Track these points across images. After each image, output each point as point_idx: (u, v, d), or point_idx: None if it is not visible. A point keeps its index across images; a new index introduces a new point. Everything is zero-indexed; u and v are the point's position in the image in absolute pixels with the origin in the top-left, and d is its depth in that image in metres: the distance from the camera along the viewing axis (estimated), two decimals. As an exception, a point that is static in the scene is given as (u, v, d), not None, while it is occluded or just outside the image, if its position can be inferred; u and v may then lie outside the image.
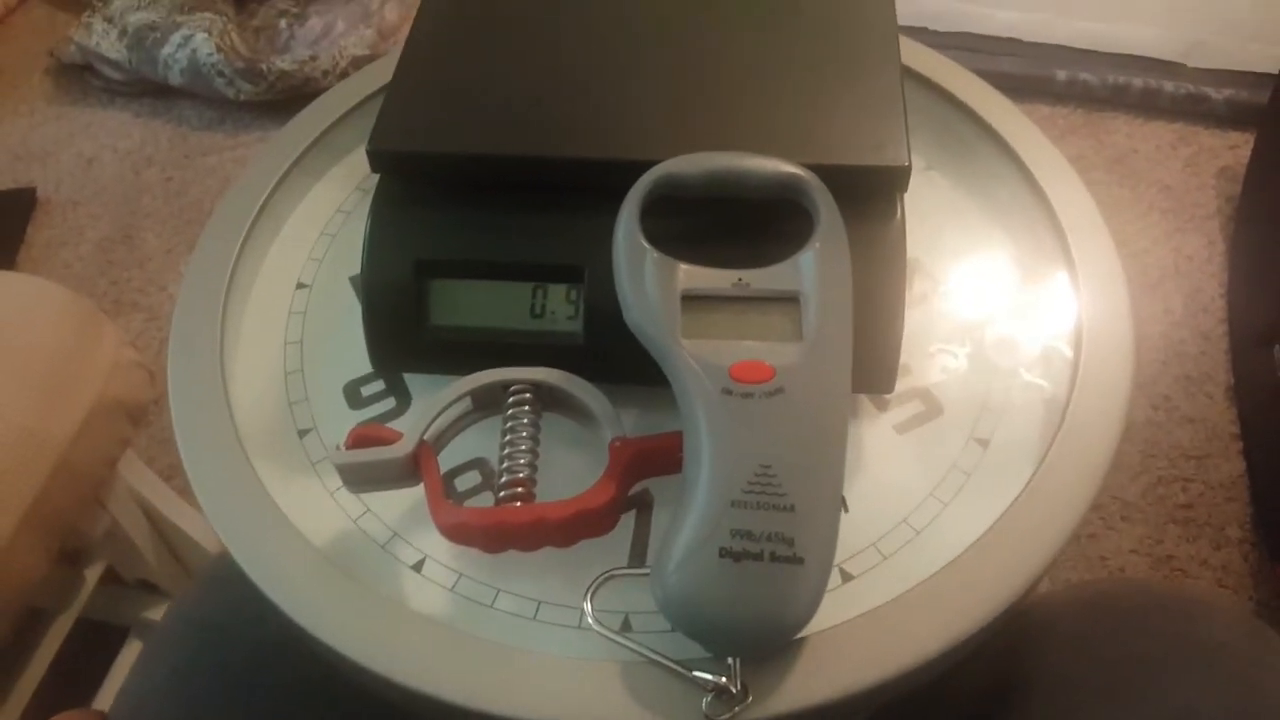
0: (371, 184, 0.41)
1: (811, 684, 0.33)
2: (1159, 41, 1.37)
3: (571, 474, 0.37)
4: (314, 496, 0.40)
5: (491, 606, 0.36)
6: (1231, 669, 0.38)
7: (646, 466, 0.36)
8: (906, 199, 0.41)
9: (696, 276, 0.35)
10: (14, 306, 0.70)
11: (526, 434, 0.37)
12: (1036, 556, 0.37)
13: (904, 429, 0.41)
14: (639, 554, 0.38)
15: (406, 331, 0.40)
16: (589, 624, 0.33)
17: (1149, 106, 1.35)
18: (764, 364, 0.33)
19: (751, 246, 0.36)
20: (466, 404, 0.38)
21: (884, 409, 0.42)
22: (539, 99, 0.41)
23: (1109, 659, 0.39)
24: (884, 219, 0.38)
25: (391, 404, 0.43)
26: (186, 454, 0.40)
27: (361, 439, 0.36)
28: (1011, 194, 0.47)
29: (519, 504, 0.35)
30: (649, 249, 0.35)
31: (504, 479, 0.35)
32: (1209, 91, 1.33)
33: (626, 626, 0.36)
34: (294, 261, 0.48)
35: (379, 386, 0.43)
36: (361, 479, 0.36)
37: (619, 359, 0.36)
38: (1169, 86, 1.34)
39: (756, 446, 0.32)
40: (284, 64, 1.38)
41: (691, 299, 0.35)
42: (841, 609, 0.35)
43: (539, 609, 0.36)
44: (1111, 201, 1.27)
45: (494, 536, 0.35)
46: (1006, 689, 0.42)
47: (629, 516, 0.39)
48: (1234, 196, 1.24)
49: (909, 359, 0.43)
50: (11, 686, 0.78)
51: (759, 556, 0.31)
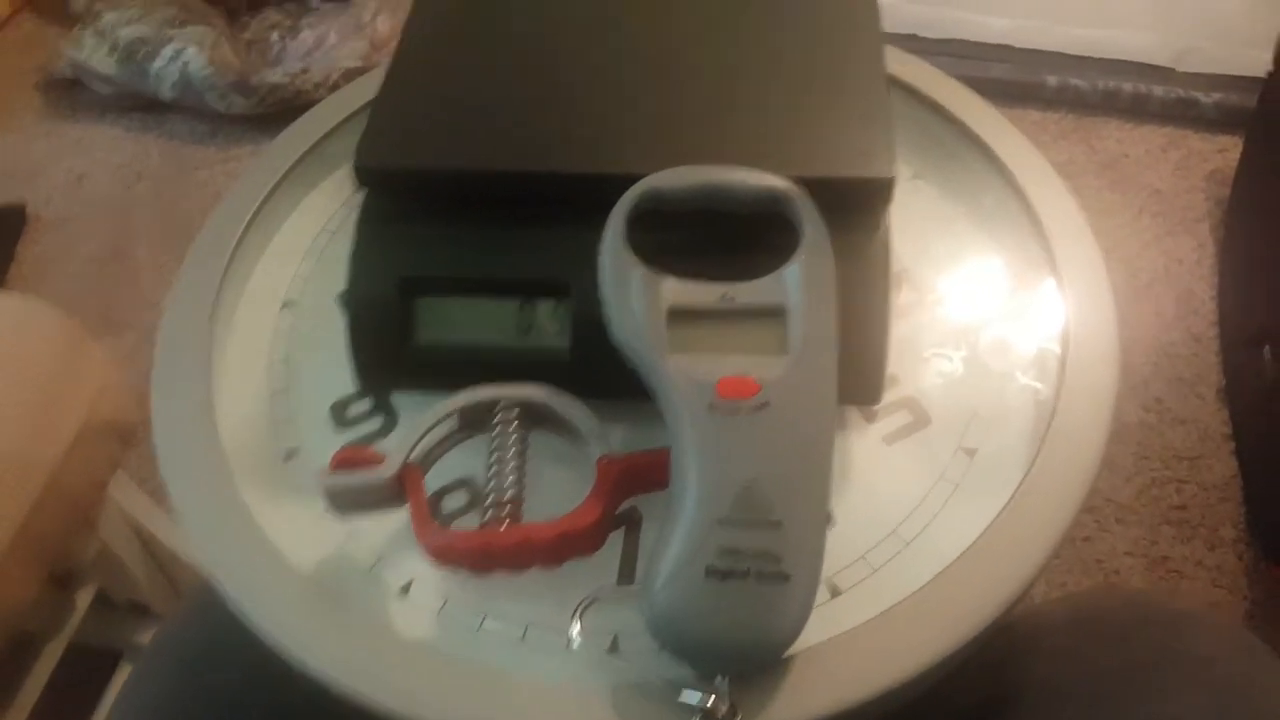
0: (357, 201, 0.41)
1: (801, 702, 0.33)
2: (1149, 47, 1.37)
3: (560, 491, 0.37)
4: (300, 519, 0.39)
5: (479, 629, 0.36)
6: (1219, 682, 0.38)
7: (634, 483, 0.36)
8: (893, 208, 0.41)
9: (682, 291, 0.35)
10: (1, 327, 0.70)
11: (513, 452, 0.37)
12: (1024, 566, 0.37)
13: (892, 440, 0.41)
14: (628, 571, 0.38)
15: (393, 349, 0.40)
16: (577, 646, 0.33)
17: (1139, 111, 1.36)
18: (749, 379, 0.33)
19: (738, 259, 0.36)
20: (453, 423, 0.38)
21: (872, 420, 0.42)
22: (525, 113, 0.40)
23: (1098, 671, 0.39)
24: (869, 230, 0.38)
25: (379, 423, 0.43)
26: (169, 478, 0.40)
27: (346, 462, 0.36)
28: (997, 201, 0.47)
29: (505, 525, 0.35)
30: (635, 264, 0.35)
31: (490, 499, 0.35)
32: (1198, 96, 1.33)
33: (615, 647, 0.35)
34: (280, 280, 0.48)
35: (366, 406, 0.43)
36: (347, 502, 0.36)
37: (607, 374, 0.36)
38: (1159, 91, 1.34)
39: (743, 463, 0.32)
40: (276, 77, 1.38)
41: (678, 314, 0.35)
42: (831, 624, 0.35)
43: (527, 631, 0.36)
44: (1102, 206, 1.27)
45: (480, 558, 0.34)
46: (996, 702, 0.42)
47: (618, 534, 0.38)
48: (1224, 199, 1.25)
49: (897, 369, 0.43)
50: (4, 713, 0.78)
51: (745, 574, 0.31)
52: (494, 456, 0.37)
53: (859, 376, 0.38)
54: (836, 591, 0.37)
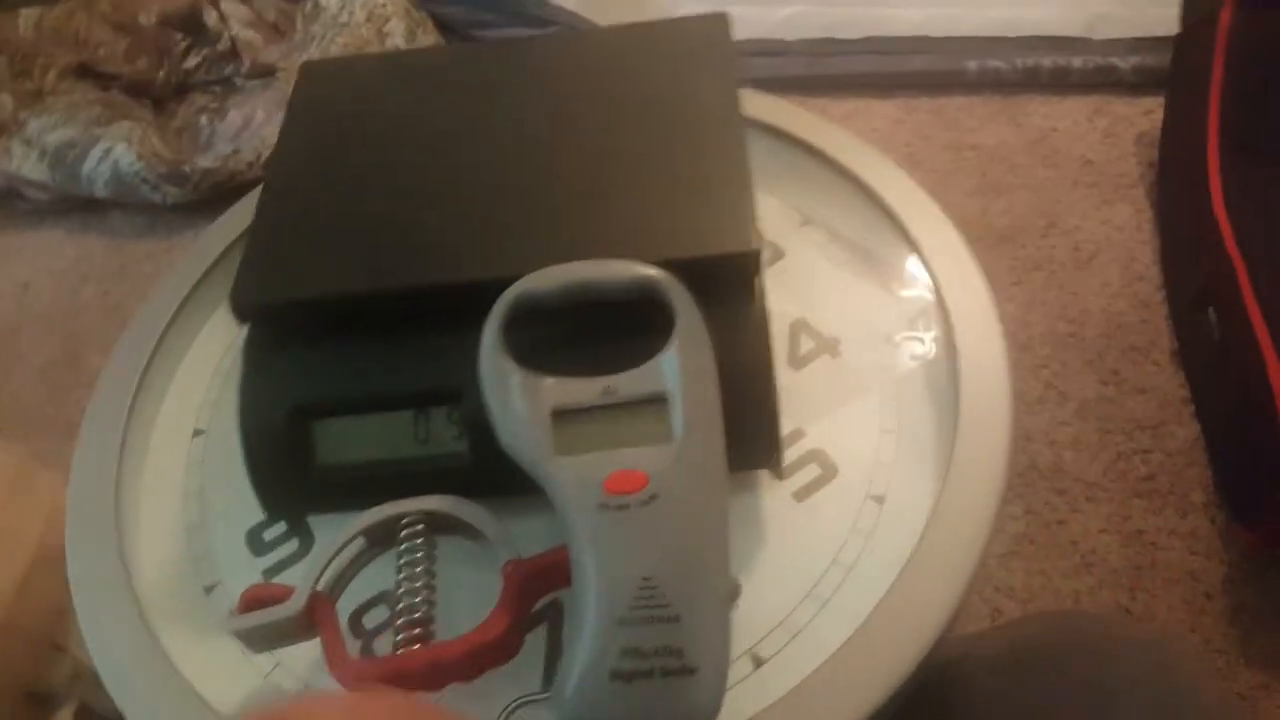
0: (244, 330, 0.41)
1: (732, 783, 0.33)
2: (1062, 20, 1.38)
3: (475, 595, 0.37)
4: (221, 655, 0.39)
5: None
6: (1148, 707, 0.38)
7: (543, 584, 0.36)
8: (787, 256, 0.42)
9: (564, 390, 0.35)
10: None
11: (421, 568, 0.37)
12: (941, 606, 0.37)
13: (802, 495, 0.41)
14: (553, 669, 0.38)
15: (293, 475, 0.40)
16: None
17: (1061, 84, 1.37)
18: (636, 472, 0.33)
19: (618, 348, 0.36)
20: (360, 543, 0.38)
21: (782, 477, 0.42)
22: (395, 229, 0.41)
23: (1026, 709, 0.40)
24: (745, 301, 0.38)
25: (295, 546, 0.43)
26: (85, 624, 0.40)
27: (253, 601, 0.36)
28: (882, 241, 0.48)
29: (417, 646, 0.35)
30: (513, 369, 0.35)
31: (400, 621, 0.35)
32: (1116, 62, 1.34)
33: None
34: (189, 407, 0.48)
35: (281, 529, 0.43)
36: (261, 640, 0.36)
37: (507, 472, 0.36)
38: (1077, 62, 1.35)
39: (636, 559, 0.32)
40: (207, 162, 1.38)
41: (561, 414, 0.35)
42: (758, 696, 0.36)
43: (454, 745, 0.36)
44: (1036, 182, 1.28)
45: (396, 683, 0.34)
46: None
47: (540, 632, 0.39)
48: (1154, 162, 1.26)
49: (802, 422, 0.43)
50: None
51: (650, 674, 0.31)
52: (402, 574, 0.37)
53: (756, 443, 0.39)
54: (760, 661, 0.37)
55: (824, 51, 1.40)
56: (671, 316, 0.36)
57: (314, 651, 0.39)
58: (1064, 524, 1.00)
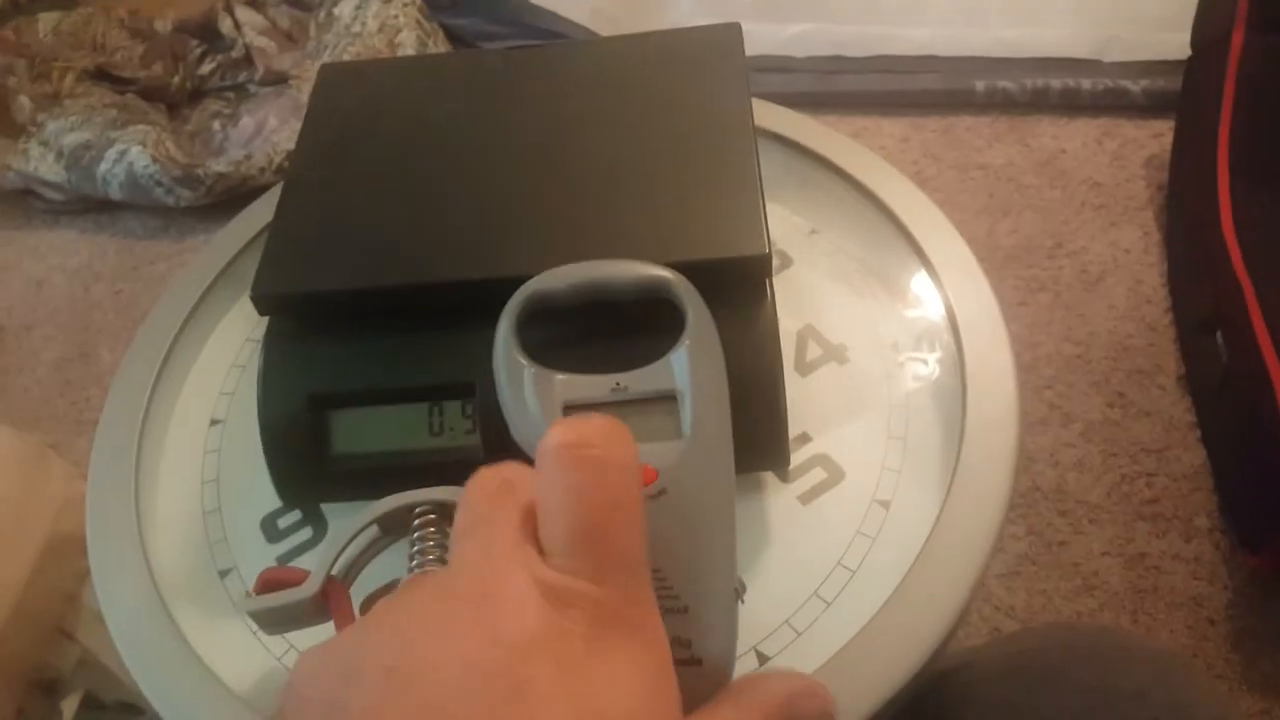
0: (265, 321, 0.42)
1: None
2: (1072, 41, 1.39)
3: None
4: (236, 638, 0.40)
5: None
6: (1150, 716, 0.38)
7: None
8: (795, 264, 0.42)
9: (575, 386, 0.36)
10: (-46, 458, 0.70)
11: (434, 557, 0.37)
12: (944, 611, 0.38)
13: (808, 499, 0.42)
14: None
15: (310, 464, 0.40)
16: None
17: (1070, 106, 1.37)
18: (646, 467, 0.34)
19: (629, 346, 0.37)
20: (374, 531, 0.39)
21: (788, 480, 0.42)
22: (414, 225, 0.42)
23: (1030, 717, 0.40)
24: (755, 304, 0.39)
25: (309, 534, 0.43)
26: (105, 607, 0.41)
27: (269, 583, 0.36)
28: (890, 250, 0.49)
29: (426, 632, 0.35)
30: (526, 365, 0.36)
31: (411, 607, 0.36)
32: (1126, 84, 1.35)
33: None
34: (207, 398, 0.49)
35: (296, 517, 0.44)
36: (274, 622, 0.37)
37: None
38: (1087, 84, 1.36)
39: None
40: (220, 166, 1.39)
41: (572, 409, 0.36)
42: (759, 692, 0.36)
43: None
44: (1044, 203, 1.28)
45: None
46: None
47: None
48: (1164, 185, 1.26)
49: (808, 427, 0.44)
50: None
51: None
52: (414, 562, 0.37)
53: (764, 444, 0.39)
54: (763, 659, 0.38)
55: (832, 69, 1.41)
56: (682, 316, 0.37)
57: (326, 634, 0.39)
58: (1066, 545, 1.01)
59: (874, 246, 0.49)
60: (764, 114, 0.50)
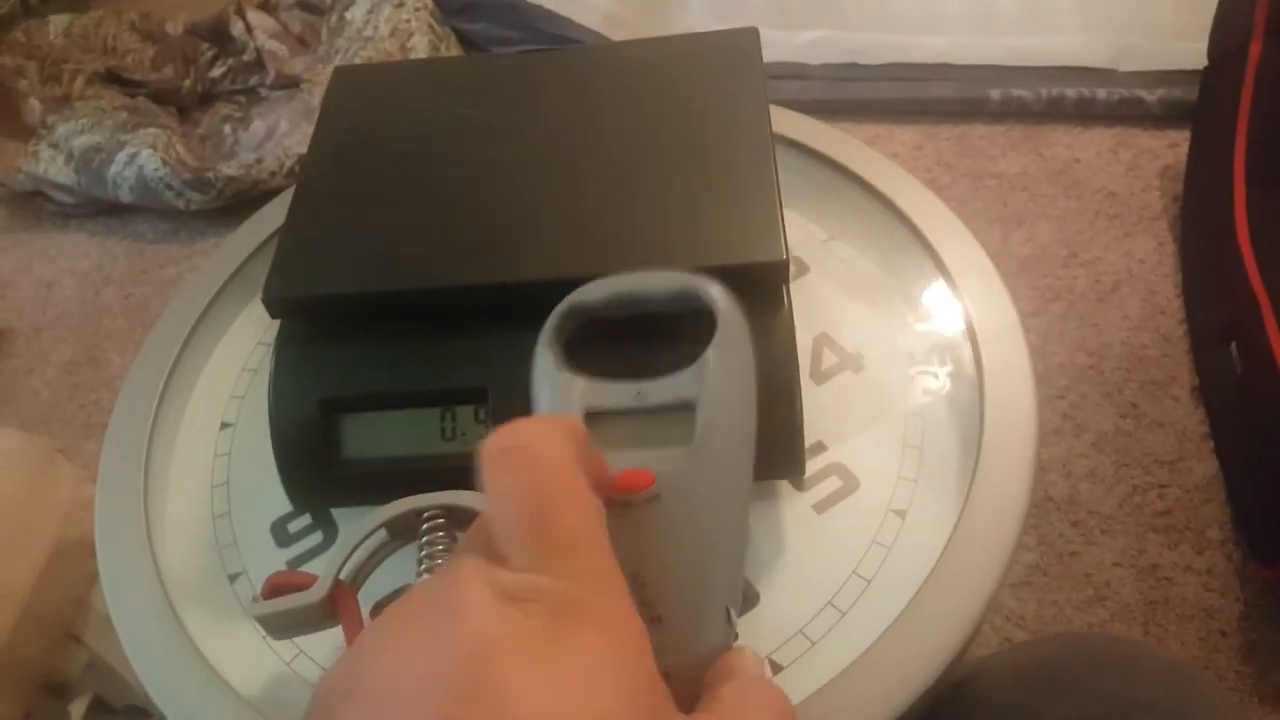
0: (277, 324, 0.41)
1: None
2: (1087, 50, 1.39)
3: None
4: (245, 642, 0.40)
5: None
6: None
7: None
8: (812, 272, 0.42)
9: (598, 393, 0.34)
10: (-38, 460, 0.70)
11: (441, 561, 0.37)
12: (961, 622, 0.37)
13: (823, 507, 0.41)
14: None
15: (320, 468, 0.40)
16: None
17: (1085, 115, 1.37)
18: (645, 472, 0.32)
19: (657, 353, 0.34)
20: (382, 535, 0.38)
21: (802, 488, 0.42)
22: (427, 229, 0.41)
23: None
24: (771, 311, 0.38)
25: (320, 538, 0.43)
26: (114, 610, 0.40)
27: (277, 587, 0.36)
28: (908, 258, 0.48)
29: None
30: (555, 370, 0.34)
31: (421, 613, 0.35)
32: (1142, 94, 1.34)
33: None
34: (217, 401, 0.49)
35: (306, 521, 0.43)
36: (282, 627, 0.36)
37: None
38: (1102, 93, 1.35)
39: (625, 556, 0.29)
40: (230, 170, 1.39)
41: (593, 415, 0.34)
42: (773, 703, 0.35)
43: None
44: (1059, 212, 1.28)
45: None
46: None
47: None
48: (1179, 195, 1.26)
49: (823, 436, 0.43)
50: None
51: None
52: (423, 566, 0.37)
53: (779, 452, 0.39)
54: (777, 668, 0.37)
55: (846, 76, 1.40)
56: (714, 324, 0.35)
57: (335, 638, 0.39)
58: (1078, 556, 1.00)
59: (891, 254, 0.49)
60: (780, 120, 0.49)
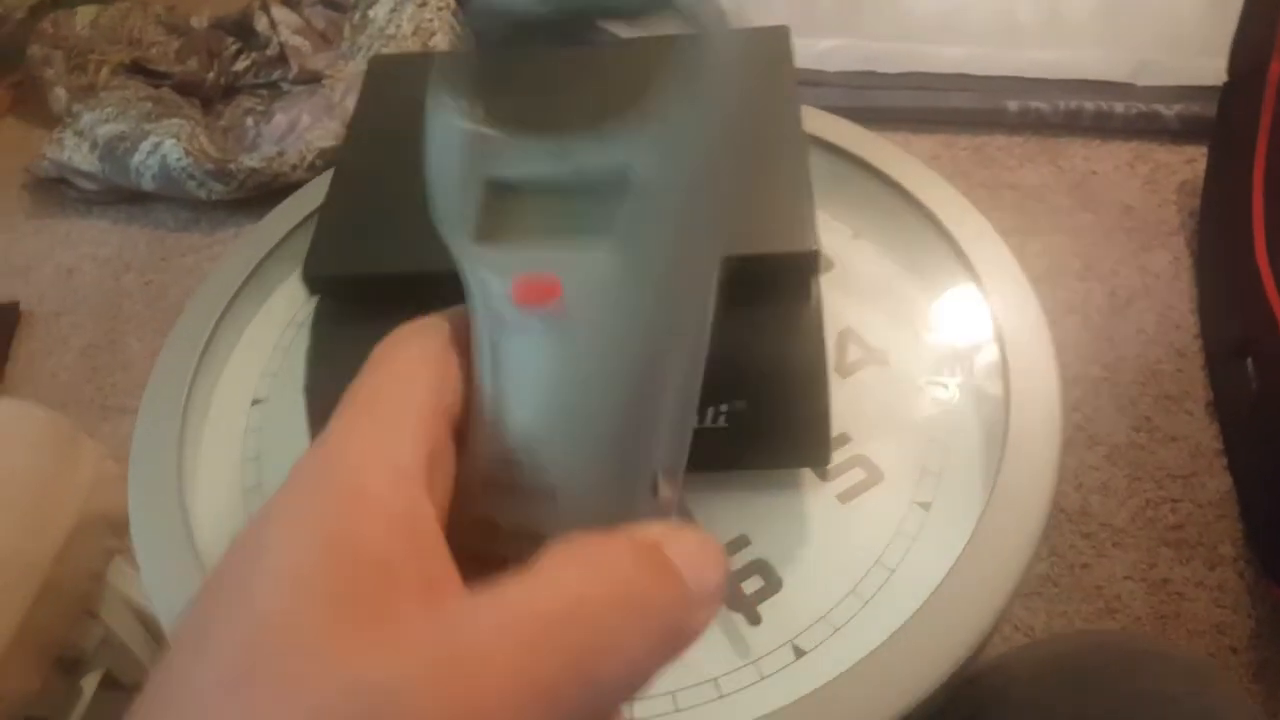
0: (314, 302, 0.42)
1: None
2: (1106, 64, 1.39)
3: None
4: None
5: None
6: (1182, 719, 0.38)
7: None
8: (837, 268, 0.42)
9: (508, 156, 0.24)
10: (-10, 434, 0.71)
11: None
12: (983, 614, 0.37)
13: (847, 498, 0.42)
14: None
15: (353, 446, 0.41)
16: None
17: (1103, 129, 1.37)
18: (548, 277, 0.22)
19: (608, 102, 0.25)
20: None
21: (826, 478, 0.42)
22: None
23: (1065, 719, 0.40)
24: (801, 300, 0.39)
25: (347, 515, 0.43)
26: (149, 583, 0.41)
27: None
28: (933, 256, 0.49)
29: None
30: (458, 118, 0.25)
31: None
32: (1160, 109, 1.35)
33: None
34: (249, 378, 0.49)
35: (334, 498, 0.44)
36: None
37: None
38: (1120, 107, 1.36)
39: (520, 400, 0.22)
40: (252, 161, 1.41)
41: (496, 184, 0.24)
42: (795, 686, 0.36)
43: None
44: (1075, 225, 1.28)
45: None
46: None
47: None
48: (1195, 210, 1.26)
49: (848, 428, 0.44)
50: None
51: (502, 563, 0.18)
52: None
53: (806, 441, 0.39)
54: (800, 653, 0.38)
55: (863, 84, 1.41)
56: (689, 51, 0.22)
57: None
58: (1088, 568, 1.00)
59: (917, 253, 0.49)
60: (807, 118, 0.49)
